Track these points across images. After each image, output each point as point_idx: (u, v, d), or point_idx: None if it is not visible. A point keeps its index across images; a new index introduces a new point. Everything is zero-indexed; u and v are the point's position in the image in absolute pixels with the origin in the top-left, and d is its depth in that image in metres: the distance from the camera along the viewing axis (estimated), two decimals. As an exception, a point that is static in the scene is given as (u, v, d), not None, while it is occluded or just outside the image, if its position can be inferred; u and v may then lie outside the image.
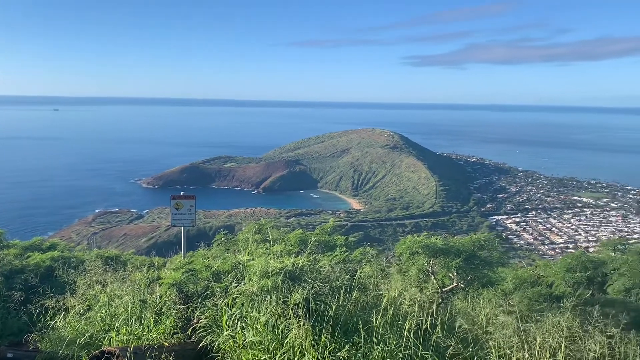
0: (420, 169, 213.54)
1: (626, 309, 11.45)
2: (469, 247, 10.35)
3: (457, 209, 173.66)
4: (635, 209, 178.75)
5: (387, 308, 7.35)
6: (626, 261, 12.77)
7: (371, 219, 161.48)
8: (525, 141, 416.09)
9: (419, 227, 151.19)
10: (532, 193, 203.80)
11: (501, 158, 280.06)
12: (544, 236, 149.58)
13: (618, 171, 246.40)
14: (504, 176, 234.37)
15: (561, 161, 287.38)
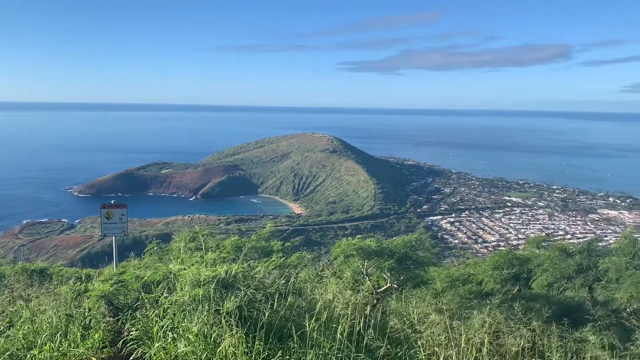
0: (359, 173, 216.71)
1: (549, 303, 12.10)
2: (401, 248, 10.59)
3: (395, 210, 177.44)
4: (560, 207, 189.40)
5: (322, 312, 7.38)
6: (548, 257, 13.46)
7: (312, 222, 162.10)
8: (458, 144, 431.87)
9: (359, 229, 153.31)
10: (465, 194, 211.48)
11: (435, 160, 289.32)
12: (477, 235, 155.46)
13: (544, 171, 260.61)
14: (439, 178, 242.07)
15: (492, 163, 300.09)
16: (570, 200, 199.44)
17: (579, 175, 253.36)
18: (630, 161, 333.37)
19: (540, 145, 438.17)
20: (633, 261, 12.50)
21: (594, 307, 11.61)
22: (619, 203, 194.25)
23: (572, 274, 12.98)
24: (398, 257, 10.54)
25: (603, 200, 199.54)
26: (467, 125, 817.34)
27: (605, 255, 12.95)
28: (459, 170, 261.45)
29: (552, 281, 13.21)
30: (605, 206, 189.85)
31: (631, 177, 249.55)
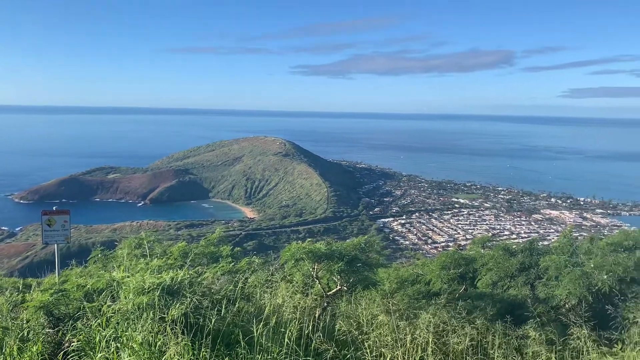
0: (312, 176, 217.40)
1: (493, 301, 12.46)
2: (351, 251, 10.67)
3: (347, 213, 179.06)
4: (506, 208, 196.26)
5: (270, 317, 7.34)
6: (493, 257, 13.86)
7: (265, 226, 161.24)
8: (409, 147, 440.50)
9: (312, 232, 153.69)
10: (415, 196, 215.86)
11: (387, 163, 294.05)
12: (427, 236, 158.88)
13: (490, 173, 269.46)
14: (390, 181, 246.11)
15: (440, 165, 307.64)
16: (515, 201, 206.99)
17: (522, 177, 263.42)
18: (569, 163, 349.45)
19: (486, 148, 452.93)
20: (571, 259, 13.03)
21: (535, 304, 12.06)
22: (560, 203, 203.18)
23: (515, 272, 13.42)
24: (348, 259, 10.60)
25: (545, 200, 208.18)
26: (417, 129, 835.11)
27: (546, 254, 13.49)
28: (409, 172, 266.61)
29: (496, 280, 13.59)
30: (548, 206, 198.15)
31: (571, 179, 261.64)
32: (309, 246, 10.04)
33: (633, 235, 14.12)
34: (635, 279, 12.97)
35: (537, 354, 7.03)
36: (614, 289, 12.51)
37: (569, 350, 7.54)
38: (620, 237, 13.98)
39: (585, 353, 6.71)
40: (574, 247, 13.79)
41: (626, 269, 12.23)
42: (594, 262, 12.38)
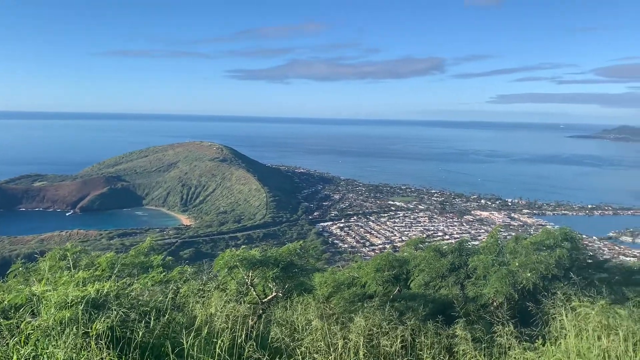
0: (251, 181, 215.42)
1: (425, 301, 12.80)
2: (286, 257, 10.63)
3: (287, 218, 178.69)
4: (439, 209, 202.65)
5: (202, 327, 7.16)
6: (425, 258, 14.27)
7: (202, 234, 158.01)
8: (346, 152, 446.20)
9: (251, 239, 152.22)
10: (353, 200, 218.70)
11: (325, 168, 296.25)
12: (365, 239, 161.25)
13: (423, 177, 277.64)
14: (328, 185, 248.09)
15: (377, 170, 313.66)
16: (448, 203, 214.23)
17: (454, 180, 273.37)
18: (497, 166, 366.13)
19: (419, 152, 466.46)
20: (498, 258, 13.63)
21: (464, 303, 12.49)
22: (489, 204, 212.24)
23: (445, 272, 13.87)
24: (283, 265, 10.56)
25: (476, 202, 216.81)
26: (354, 134, 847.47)
27: (474, 254, 14.02)
28: (347, 177, 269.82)
29: (428, 280, 13.99)
30: (478, 207, 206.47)
31: (499, 181, 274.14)
32: (243, 253, 9.92)
33: (554, 234, 14.95)
34: (556, 275, 13.72)
35: (466, 352, 7.24)
36: (538, 286, 13.18)
37: (496, 347, 7.82)
38: (542, 236, 14.76)
39: (508, 350, 6.97)
40: (501, 246, 14.44)
41: (548, 267, 12.93)
42: (519, 260, 13.02)
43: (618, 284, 14.73)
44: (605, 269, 15.66)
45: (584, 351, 6.28)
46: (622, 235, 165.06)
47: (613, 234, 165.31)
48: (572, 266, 14.55)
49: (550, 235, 14.71)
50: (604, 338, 6.30)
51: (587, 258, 16.24)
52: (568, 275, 13.60)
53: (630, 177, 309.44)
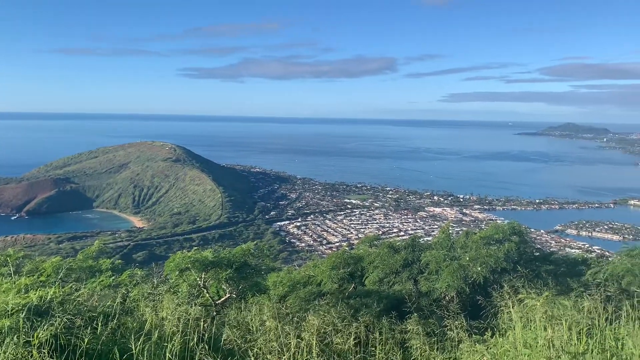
0: (205, 181, 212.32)
1: (380, 298, 12.94)
2: (240, 258, 10.50)
3: (243, 218, 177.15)
4: (394, 206, 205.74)
5: (152, 331, 6.97)
6: (379, 254, 14.46)
7: (156, 236, 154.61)
8: (302, 151, 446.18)
9: (206, 240, 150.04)
10: (309, 198, 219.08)
11: (281, 167, 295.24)
12: (322, 237, 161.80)
13: (378, 174, 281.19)
14: (285, 184, 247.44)
15: (333, 168, 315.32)
16: (402, 200, 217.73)
17: (408, 177, 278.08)
18: (449, 163, 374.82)
19: (374, 151, 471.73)
20: (449, 253, 13.95)
21: (418, 298, 12.72)
22: (442, 201, 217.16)
23: (399, 268, 14.10)
24: (237, 266, 10.42)
25: (429, 198, 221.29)
26: (309, 133, 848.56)
27: (427, 249, 14.32)
28: (303, 175, 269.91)
29: (382, 277, 14.18)
30: (432, 204, 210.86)
31: (451, 178, 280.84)
32: (194, 255, 9.73)
33: (502, 228, 15.45)
34: (506, 269, 14.17)
35: (418, 346, 7.34)
36: (488, 280, 13.58)
37: (449, 340, 7.97)
38: (492, 231, 15.23)
39: (459, 343, 7.11)
40: (452, 242, 14.80)
41: (497, 260, 13.35)
42: (469, 255, 13.37)
43: (563, 275, 15.33)
44: (551, 261, 16.29)
45: (531, 341, 6.47)
46: (567, 228, 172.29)
47: (559, 227, 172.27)
48: (520, 259, 15.06)
49: (499, 230, 15.19)
50: (549, 328, 6.52)
51: (534, 251, 16.85)
52: (516, 268, 14.07)
53: (574, 172, 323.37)
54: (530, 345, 6.17)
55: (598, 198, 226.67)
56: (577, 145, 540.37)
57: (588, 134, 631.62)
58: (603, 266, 14.90)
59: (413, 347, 7.51)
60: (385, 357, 6.97)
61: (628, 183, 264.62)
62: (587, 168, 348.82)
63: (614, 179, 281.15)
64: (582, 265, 16.81)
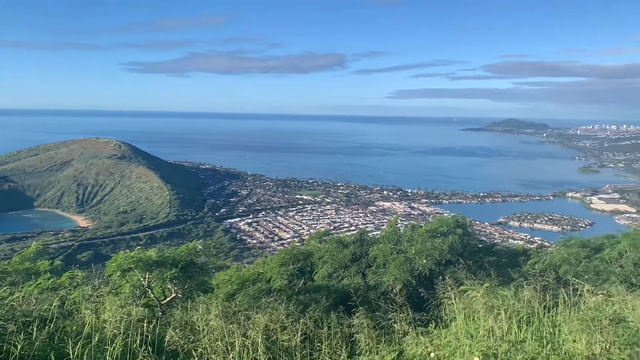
0: (152, 179, 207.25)
1: (329, 292, 13.03)
2: (185, 256, 10.30)
3: (192, 216, 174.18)
4: (345, 202, 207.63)
5: (93, 334, 6.73)
6: (328, 249, 14.57)
7: (101, 235, 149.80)
8: (252, 147, 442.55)
9: (154, 238, 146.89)
10: (261, 195, 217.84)
11: (231, 164, 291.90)
12: (273, 234, 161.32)
13: (329, 170, 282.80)
14: (235, 181, 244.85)
15: (284, 164, 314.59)
16: (353, 195, 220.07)
17: (358, 173, 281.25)
18: (397, 158, 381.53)
19: (325, 147, 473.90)
20: (396, 246, 14.21)
21: (366, 292, 12.88)
22: (391, 195, 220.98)
23: (348, 263, 14.26)
24: (182, 265, 10.22)
25: (379, 193, 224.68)
26: (260, 129, 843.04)
27: (375, 243, 14.53)
28: (254, 172, 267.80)
29: (331, 271, 14.30)
30: (381, 199, 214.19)
31: (399, 172, 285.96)
32: (138, 255, 9.47)
33: (447, 221, 15.87)
34: (450, 260, 14.56)
35: (362, 340, 7.42)
36: (434, 272, 13.91)
37: (394, 333, 8.10)
38: (437, 224, 15.62)
39: (404, 335, 7.23)
40: (398, 235, 15.07)
41: (442, 253, 13.71)
42: (415, 248, 13.68)
43: (505, 266, 15.91)
44: (494, 252, 16.89)
45: (472, 331, 6.66)
46: (510, 220, 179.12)
47: (502, 220, 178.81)
48: (464, 251, 15.52)
49: (444, 223, 15.60)
50: (489, 318, 6.74)
51: (477, 243, 17.42)
52: (461, 260, 14.47)
53: (516, 166, 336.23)
54: (471, 335, 6.36)
55: (538, 191, 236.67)
56: (518, 140, 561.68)
57: (529, 129, 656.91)
58: (542, 256, 15.57)
59: (358, 341, 7.58)
60: (331, 351, 7.01)
61: (566, 176, 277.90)
62: (528, 162, 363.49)
63: (553, 172, 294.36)
64: (522, 256, 17.51)
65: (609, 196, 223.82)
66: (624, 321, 6.33)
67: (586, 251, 15.20)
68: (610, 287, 9.64)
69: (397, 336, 7.81)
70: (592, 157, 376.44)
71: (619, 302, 8.52)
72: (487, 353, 5.43)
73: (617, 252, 15.05)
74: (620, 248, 15.18)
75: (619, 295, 8.76)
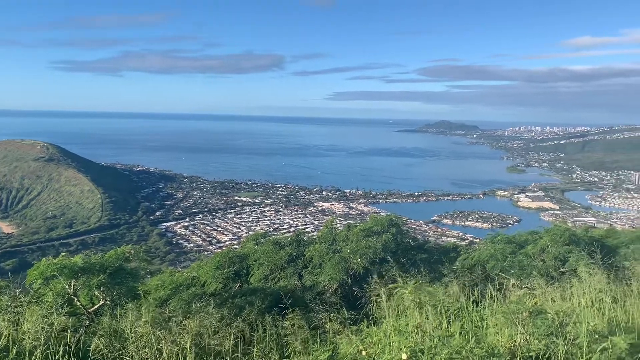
0: (83, 182, 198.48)
1: (265, 294, 12.95)
2: (114, 262, 9.94)
3: (126, 220, 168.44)
4: (284, 203, 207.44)
5: (10, 347, 6.36)
6: (264, 252, 14.51)
7: (28, 242, 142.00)
8: (189, 148, 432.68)
9: (86, 244, 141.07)
10: (198, 197, 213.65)
11: (166, 165, 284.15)
12: (211, 237, 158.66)
13: (268, 171, 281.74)
14: (170, 183, 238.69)
15: (222, 165, 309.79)
16: (292, 196, 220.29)
17: (297, 173, 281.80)
18: (336, 159, 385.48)
19: (263, 148, 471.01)
20: (332, 247, 14.35)
21: (302, 292, 12.92)
22: (330, 196, 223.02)
23: (284, 264, 14.26)
24: (111, 271, 9.85)
25: (318, 194, 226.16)
26: (197, 129, 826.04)
27: (311, 244, 14.61)
28: (191, 174, 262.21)
29: (268, 273, 14.25)
30: (320, 199, 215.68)
31: (338, 173, 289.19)
32: (62, 261, 9.04)
33: (381, 220, 16.21)
34: (384, 259, 14.87)
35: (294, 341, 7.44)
36: (369, 270, 14.16)
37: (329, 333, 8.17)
38: (371, 223, 15.92)
39: (337, 334, 7.31)
40: (334, 235, 15.24)
41: (376, 251, 13.98)
42: (350, 247, 13.87)
43: (436, 263, 16.44)
44: (426, 249, 17.42)
45: (402, 328, 6.83)
46: (443, 218, 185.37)
47: (436, 218, 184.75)
48: (398, 249, 15.91)
49: (378, 222, 15.92)
50: (418, 314, 6.93)
51: (410, 241, 17.89)
52: (395, 258, 14.83)
53: (449, 166, 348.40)
54: (400, 332, 6.51)
55: (470, 190, 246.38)
56: (450, 141, 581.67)
57: (460, 131, 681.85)
58: (470, 253, 16.21)
59: (292, 342, 7.59)
60: (262, 354, 6.98)
61: (495, 175, 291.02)
62: (460, 162, 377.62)
63: (483, 171, 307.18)
64: (453, 253, 18.17)
65: (535, 194, 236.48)
66: (543, 313, 6.69)
67: (512, 247, 15.96)
68: (533, 281, 10.18)
69: (330, 336, 7.88)
70: (518, 157, 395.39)
71: (539, 295, 9.02)
72: (415, 349, 5.58)
73: (539, 248, 15.92)
74: (543, 243, 16.08)
75: (540, 288, 9.27)
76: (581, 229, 23.92)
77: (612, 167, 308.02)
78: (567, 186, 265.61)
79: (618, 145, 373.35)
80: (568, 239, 16.07)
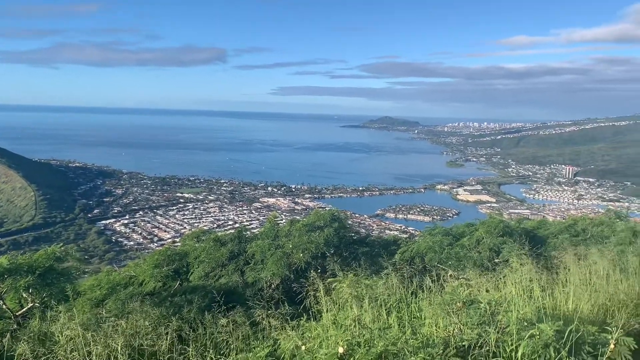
0: (14, 179, 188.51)
1: (205, 292, 12.76)
2: (43, 262, 9.49)
3: (61, 218, 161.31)
4: (229, 199, 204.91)
5: None
6: (205, 249, 14.28)
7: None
8: (128, 143, 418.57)
9: (18, 244, 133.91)
10: (138, 194, 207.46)
11: (105, 161, 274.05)
12: (152, 234, 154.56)
13: (212, 167, 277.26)
14: (109, 179, 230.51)
15: (163, 161, 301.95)
16: (237, 192, 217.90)
17: (241, 169, 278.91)
18: (281, 154, 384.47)
19: (206, 143, 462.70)
20: (274, 242, 14.31)
21: (244, 289, 12.82)
22: (276, 191, 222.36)
23: (225, 261, 14.10)
24: (40, 272, 9.40)
25: (263, 190, 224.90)
26: (136, 124, 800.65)
27: (253, 240, 14.52)
28: (130, 170, 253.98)
29: (208, 271, 14.04)
30: (266, 195, 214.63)
31: (283, 168, 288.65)
32: (-15, 263, 8.54)
33: (323, 215, 16.32)
34: (326, 253, 15.00)
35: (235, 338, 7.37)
36: (311, 265, 14.22)
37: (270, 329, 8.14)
38: (313, 218, 16.00)
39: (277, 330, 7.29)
40: (277, 231, 15.21)
41: (318, 246, 14.07)
42: (292, 242, 13.89)
43: (377, 256, 16.72)
44: (367, 243, 17.69)
45: (341, 322, 6.90)
46: (386, 212, 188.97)
47: (380, 212, 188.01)
48: (340, 243, 16.07)
49: (320, 217, 16.02)
50: (356, 307, 7.03)
51: (353, 235, 18.12)
52: (337, 252, 14.98)
53: (391, 161, 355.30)
54: (338, 326, 6.58)
55: (412, 184, 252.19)
56: (393, 137, 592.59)
57: (402, 127, 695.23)
58: (410, 245, 16.61)
59: (230, 340, 7.52)
60: (197, 354, 6.86)
61: (435, 170, 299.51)
62: (402, 157, 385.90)
63: (424, 166, 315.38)
64: (394, 246, 18.55)
65: (473, 187, 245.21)
66: (475, 303, 6.93)
67: (449, 239, 16.48)
68: (468, 272, 10.54)
69: (271, 332, 7.85)
70: (457, 152, 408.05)
71: (474, 285, 9.35)
72: (352, 342, 5.64)
73: (475, 239, 16.52)
74: (478, 235, 16.69)
75: (474, 278, 9.61)
76: (515, 221, 25.05)
77: (544, 161, 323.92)
78: (503, 180, 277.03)
79: (550, 141, 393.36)
80: (502, 231, 16.77)
